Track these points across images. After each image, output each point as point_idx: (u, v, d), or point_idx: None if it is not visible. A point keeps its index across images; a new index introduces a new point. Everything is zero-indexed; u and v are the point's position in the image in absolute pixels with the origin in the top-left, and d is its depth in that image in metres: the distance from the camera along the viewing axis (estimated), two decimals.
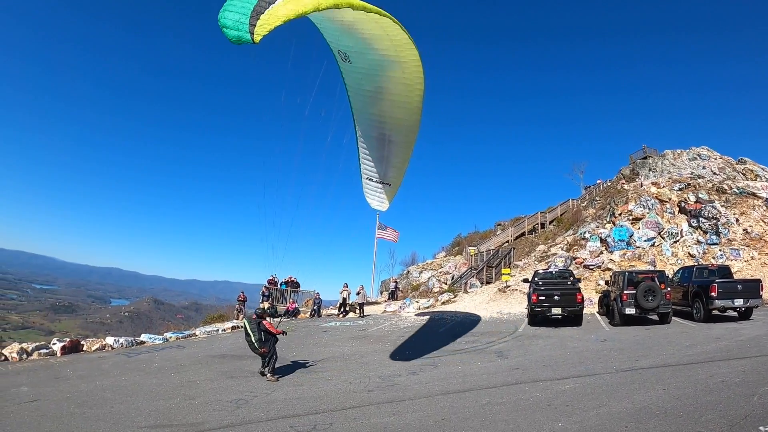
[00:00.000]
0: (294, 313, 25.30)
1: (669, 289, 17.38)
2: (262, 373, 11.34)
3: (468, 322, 20.21)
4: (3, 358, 13.47)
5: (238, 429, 7.54)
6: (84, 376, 11.85)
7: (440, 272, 36.97)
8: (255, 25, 7.40)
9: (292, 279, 28.35)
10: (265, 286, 26.98)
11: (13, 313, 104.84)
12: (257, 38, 7.41)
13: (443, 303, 26.99)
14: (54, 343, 15.09)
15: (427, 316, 22.62)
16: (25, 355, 13.85)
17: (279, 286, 27.98)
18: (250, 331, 11.34)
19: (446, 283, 33.50)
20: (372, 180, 15.44)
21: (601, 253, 27.61)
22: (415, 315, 23.70)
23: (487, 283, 30.03)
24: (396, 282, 35.35)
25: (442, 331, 18.45)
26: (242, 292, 27.45)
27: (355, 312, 24.90)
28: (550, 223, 39.09)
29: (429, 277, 36.14)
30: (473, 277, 31.32)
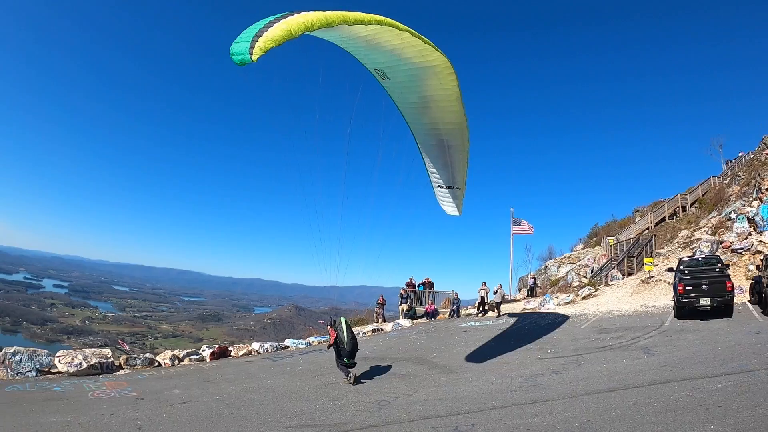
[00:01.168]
0: (433, 314, 25.55)
1: None
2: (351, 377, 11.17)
3: (611, 318, 19.26)
4: (156, 364, 13.86)
5: (380, 429, 7.46)
6: (232, 379, 12.09)
7: (579, 265, 35.40)
8: (254, 47, 8.14)
9: (429, 280, 28.61)
10: (404, 289, 27.37)
11: (164, 323, 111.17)
12: (255, 57, 8.09)
13: (584, 297, 25.87)
14: (203, 350, 15.43)
15: (568, 313, 21.88)
16: (176, 361, 14.24)
17: (417, 287, 28.28)
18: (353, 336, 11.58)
19: (585, 277, 32.01)
20: (443, 187, 15.12)
21: (750, 234, 24.18)
22: (556, 311, 23.01)
23: (629, 274, 28.05)
24: (534, 278, 34.41)
25: (585, 327, 17.78)
26: (381, 296, 27.33)
27: (493, 311, 24.61)
28: (692, 205, 35.20)
29: (568, 271, 34.77)
30: (614, 268, 29.43)
